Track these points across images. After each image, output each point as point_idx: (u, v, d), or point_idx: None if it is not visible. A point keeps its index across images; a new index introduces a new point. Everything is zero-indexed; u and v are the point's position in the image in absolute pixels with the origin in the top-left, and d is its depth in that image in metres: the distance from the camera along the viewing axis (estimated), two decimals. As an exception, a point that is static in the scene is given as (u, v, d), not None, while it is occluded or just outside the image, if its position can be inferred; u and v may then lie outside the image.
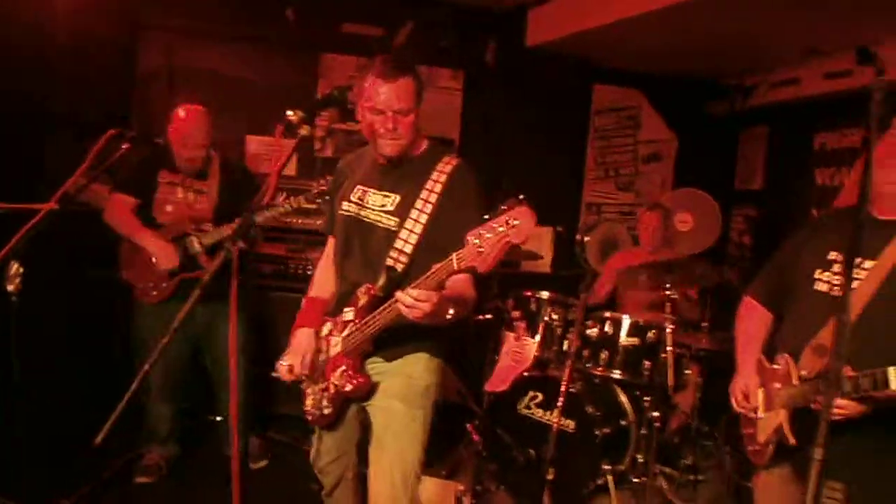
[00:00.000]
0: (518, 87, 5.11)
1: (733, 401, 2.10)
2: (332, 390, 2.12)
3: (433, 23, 4.77)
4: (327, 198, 2.41)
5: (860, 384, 1.65)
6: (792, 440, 1.85)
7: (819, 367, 1.82)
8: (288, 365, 2.19)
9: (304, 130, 1.68)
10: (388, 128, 2.01)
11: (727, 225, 5.57)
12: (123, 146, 2.49)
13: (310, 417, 2.22)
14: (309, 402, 2.21)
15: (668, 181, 5.69)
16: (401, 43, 4.68)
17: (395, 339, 2.04)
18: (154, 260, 3.13)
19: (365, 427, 2.21)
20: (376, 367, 2.11)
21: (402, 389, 2.09)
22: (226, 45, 4.50)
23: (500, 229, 1.60)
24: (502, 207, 1.64)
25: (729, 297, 2.80)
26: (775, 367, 1.98)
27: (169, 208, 3.19)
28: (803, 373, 1.86)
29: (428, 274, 1.77)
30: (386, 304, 1.91)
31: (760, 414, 2.00)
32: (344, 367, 2.07)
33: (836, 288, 1.85)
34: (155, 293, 3.17)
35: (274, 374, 2.23)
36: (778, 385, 1.93)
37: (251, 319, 3.32)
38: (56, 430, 3.11)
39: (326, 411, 2.16)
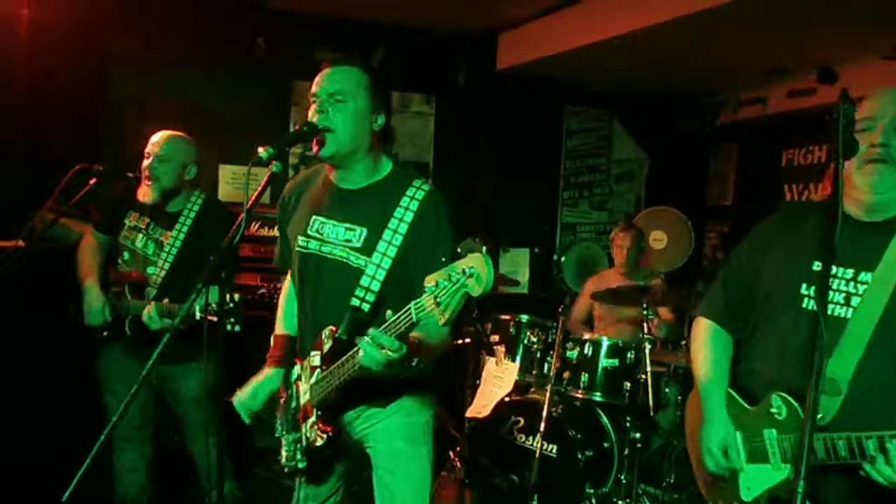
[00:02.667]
0: (490, 110, 5.15)
1: (710, 462, 1.75)
2: (304, 442, 1.97)
3: (404, 48, 4.80)
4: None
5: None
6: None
7: (835, 410, 1.54)
8: (242, 401, 2.05)
9: (274, 167, 1.64)
10: (319, 109, 1.80)
11: (700, 241, 5.64)
12: (91, 181, 2.41)
13: (286, 470, 2.06)
14: (284, 453, 2.05)
15: (641, 199, 5.76)
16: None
17: (382, 382, 1.88)
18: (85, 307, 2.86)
19: (354, 467, 2.10)
20: (370, 414, 1.98)
21: (403, 429, 1.97)
22: (197, 74, 4.47)
23: (457, 277, 1.44)
24: (458, 251, 1.54)
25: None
26: (760, 408, 1.69)
27: (126, 255, 2.90)
28: (819, 416, 1.51)
29: (386, 325, 1.60)
30: (352, 352, 1.73)
31: (743, 465, 1.71)
32: (314, 419, 1.92)
33: (832, 305, 1.62)
34: (97, 334, 2.90)
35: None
36: (774, 431, 1.65)
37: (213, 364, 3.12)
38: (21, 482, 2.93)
39: (301, 465, 1.99)
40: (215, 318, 1.74)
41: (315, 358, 1.92)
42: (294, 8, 4.54)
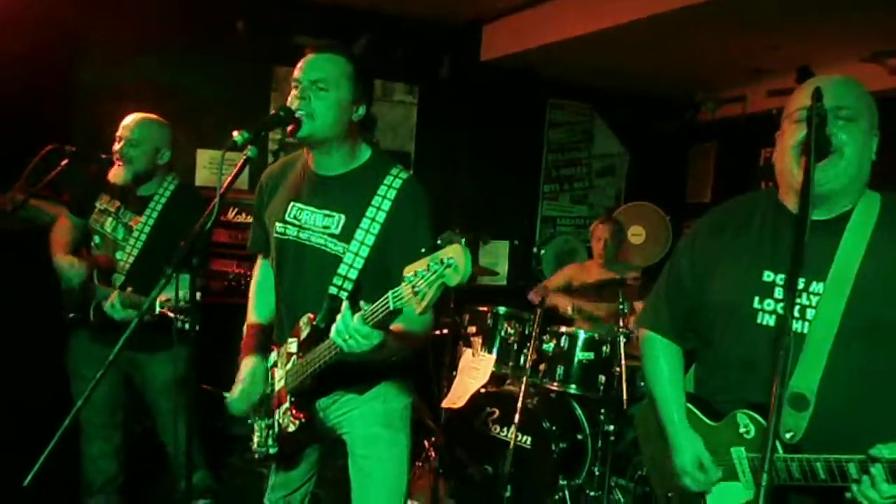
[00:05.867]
0: (473, 102, 5.13)
1: (689, 482, 1.66)
2: (276, 429, 1.95)
3: (388, 36, 4.76)
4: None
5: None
6: None
7: (804, 426, 1.49)
8: (242, 389, 2.01)
9: (249, 151, 1.62)
10: (300, 96, 1.79)
11: (678, 237, 5.69)
12: (62, 162, 2.36)
13: (256, 456, 2.04)
14: (255, 439, 2.03)
15: (622, 194, 5.79)
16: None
17: (360, 370, 1.89)
18: (60, 277, 2.77)
19: (327, 455, 2.09)
20: (348, 400, 1.97)
21: (382, 415, 1.97)
22: (174, 57, 4.39)
23: (435, 267, 1.43)
24: (438, 242, 1.52)
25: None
26: (724, 425, 1.63)
27: (96, 239, 2.83)
28: (788, 435, 1.49)
29: (362, 312, 1.59)
30: (329, 341, 1.70)
31: (718, 476, 1.64)
32: (287, 405, 1.90)
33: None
34: (64, 315, 2.85)
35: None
36: (742, 449, 1.59)
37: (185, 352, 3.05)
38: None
39: (272, 451, 1.97)
40: (171, 314, 1.69)
41: (292, 345, 1.92)
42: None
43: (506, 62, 4.92)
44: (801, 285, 1.52)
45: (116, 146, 2.71)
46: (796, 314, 1.52)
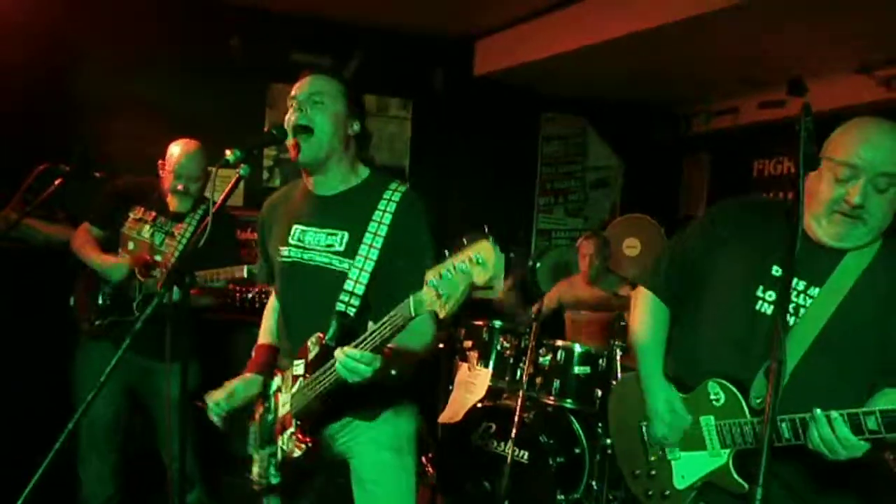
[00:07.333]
0: (467, 116, 5.16)
1: (659, 426, 1.78)
2: (279, 456, 1.90)
3: (382, 52, 4.80)
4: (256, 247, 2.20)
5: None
6: (744, 486, 1.63)
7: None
8: (215, 404, 1.96)
9: (242, 170, 1.63)
10: (297, 109, 1.84)
11: (674, 249, 5.70)
12: (56, 181, 2.36)
13: (256, 488, 2.00)
14: (255, 469, 1.98)
15: (617, 207, 5.81)
16: (351, 72, 4.68)
17: (367, 396, 1.85)
18: (102, 276, 2.88)
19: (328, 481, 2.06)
20: (356, 425, 1.93)
21: (391, 440, 1.95)
22: (170, 73, 4.41)
23: (463, 267, 1.40)
24: (463, 241, 1.49)
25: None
26: (695, 395, 1.75)
27: (130, 245, 2.95)
28: (757, 400, 1.63)
29: (382, 322, 1.58)
30: (332, 360, 1.69)
31: (677, 454, 1.78)
32: (292, 429, 1.85)
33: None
34: (87, 325, 2.94)
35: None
36: (711, 417, 1.71)
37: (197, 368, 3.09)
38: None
39: (274, 480, 1.92)
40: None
41: (298, 367, 1.88)
42: (271, 8, 4.51)
43: (499, 77, 4.96)
44: (801, 286, 1.66)
45: (174, 183, 2.85)
46: (790, 310, 1.66)
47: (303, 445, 1.81)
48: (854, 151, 1.56)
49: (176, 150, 2.94)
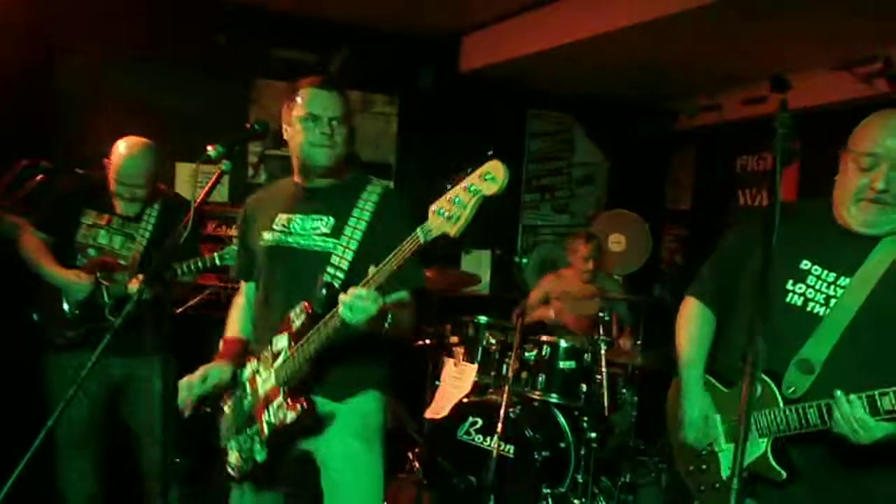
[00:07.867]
0: (453, 112, 5.15)
1: (691, 432, 1.86)
2: (266, 431, 1.92)
3: (368, 48, 4.78)
4: (235, 241, 2.24)
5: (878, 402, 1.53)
6: (782, 474, 1.70)
7: (807, 385, 1.70)
8: (190, 383, 1.98)
9: (224, 165, 1.63)
10: (326, 132, 1.95)
11: (659, 244, 5.73)
12: (38, 177, 2.33)
13: (234, 473, 2.02)
14: (234, 456, 1.99)
15: (602, 202, 5.83)
16: (336, 68, 4.66)
17: (340, 374, 1.92)
18: (63, 293, 2.76)
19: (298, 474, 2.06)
20: (324, 406, 1.94)
21: (359, 429, 1.98)
22: (154, 69, 4.37)
23: (474, 187, 1.52)
24: (469, 169, 1.57)
25: (662, 316, 2.85)
26: (735, 389, 1.79)
27: (90, 252, 2.81)
28: (790, 390, 1.70)
29: (390, 256, 1.67)
30: (328, 315, 1.76)
31: (722, 446, 1.83)
32: (280, 399, 1.88)
33: (812, 303, 1.74)
34: (61, 339, 2.79)
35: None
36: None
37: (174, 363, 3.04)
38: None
39: (259, 457, 1.94)
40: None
41: (280, 341, 1.93)
42: (255, 3, 4.49)
43: (485, 73, 4.95)
44: (831, 278, 1.74)
45: (117, 188, 2.72)
46: (821, 300, 1.73)
47: (297, 406, 1.85)
48: (875, 141, 1.66)
49: (120, 150, 2.77)
